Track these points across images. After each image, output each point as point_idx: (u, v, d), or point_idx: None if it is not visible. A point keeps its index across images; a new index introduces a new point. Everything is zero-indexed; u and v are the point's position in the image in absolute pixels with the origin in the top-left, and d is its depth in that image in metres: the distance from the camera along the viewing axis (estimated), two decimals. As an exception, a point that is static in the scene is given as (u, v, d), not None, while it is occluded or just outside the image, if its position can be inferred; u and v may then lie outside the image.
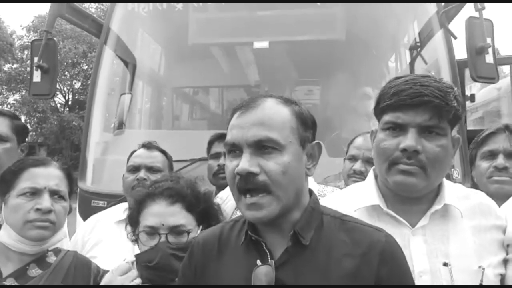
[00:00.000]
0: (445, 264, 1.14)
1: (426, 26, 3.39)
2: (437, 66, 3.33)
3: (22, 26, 21.51)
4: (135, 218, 1.44)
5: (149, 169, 2.08)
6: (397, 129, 1.17)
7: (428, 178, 1.15)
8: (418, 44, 3.58)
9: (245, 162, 0.99)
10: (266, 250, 1.03)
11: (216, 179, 2.33)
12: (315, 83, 4.49)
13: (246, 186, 0.99)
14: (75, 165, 3.29)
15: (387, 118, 1.19)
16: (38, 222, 1.40)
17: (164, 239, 1.34)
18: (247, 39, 3.58)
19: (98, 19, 3.90)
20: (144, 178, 2.03)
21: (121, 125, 3.86)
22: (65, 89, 21.96)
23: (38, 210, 1.40)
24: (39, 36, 20.17)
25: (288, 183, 1.00)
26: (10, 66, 21.75)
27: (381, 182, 1.27)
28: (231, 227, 1.15)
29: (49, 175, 1.48)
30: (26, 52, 21.37)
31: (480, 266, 1.15)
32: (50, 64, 3.21)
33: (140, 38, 4.09)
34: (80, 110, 20.67)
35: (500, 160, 1.75)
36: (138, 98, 4.22)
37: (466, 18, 2.86)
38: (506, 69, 4.93)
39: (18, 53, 21.82)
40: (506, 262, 1.22)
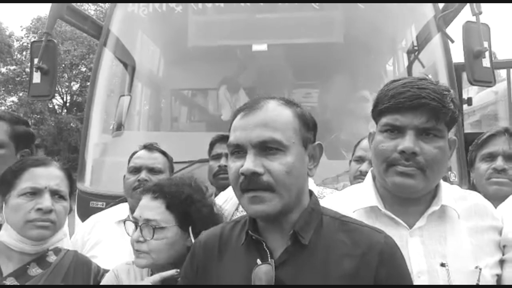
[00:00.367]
0: (442, 264, 1.15)
1: (424, 30, 3.42)
2: (434, 70, 3.36)
3: (22, 26, 21.54)
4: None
5: (150, 170, 2.09)
6: (395, 131, 1.18)
7: (426, 180, 1.16)
8: (416, 47, 3.61)
9: (249, 163, 1.00)
10: (267, 249, 1.04)
11: (216, 180, 2.35)
12: (313, 86, 4.51)
13: (250, 186, 1.01)
14: (73, 166, 3.30)
15: (385, 120, 1.20)
16: (38, 221, 1.41)
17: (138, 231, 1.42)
18: (246, 42, 3.60)
19: (98, 21, 3.91)
20: (145, 179, 2.03)
21: (120, 126, 3.87)
22: (63, 90, 21.96)
23: (39, 210, 1.41)
24: (39, 37, 20.21)
25: (291, 183, 1.02)
26: (8, 68, 21.73)
27: (379, 183, 1.28)
28: (232, 228, 1.16)
29: (49, 175, 1.48)
30: (24, 53, 21.37)
31: (477, 267, 1.16)
32: (49, 65, 3.22)
33: (139, 40, 4.10)
34: (78, 111, 20.67)
35: (499, 162, 1.78)
36: (137, 100, 4.23)
37: (463, 22, 2.89)
38: (504, 73, 4.97)
39: (17, 54, 21.81)
40: (502, 262, 1.24)
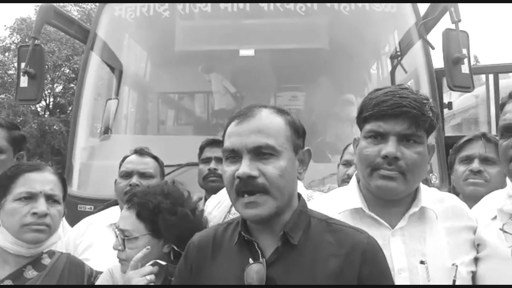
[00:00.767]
0: (421, 262, 1.23)
1: (406, 36, 3.54)
2: (416, 75, 3.48)
3: (5, 26, 21.19)
4: None
5: (141, 175, 2.13)
6: (378, 137, 1.26)
7: (407, 183, 1.24)
8: (399, 53, 3.72)
9: (245, 167, 1.06)
10: (258, 249, 1.10)
11: (206, 183, 2.41)
12: (299, 90, 4.59)
13: (245, 188, 1.07)
14: (58, 169, 3.29)
15: (369, 127, 1.28)
16: (34, 225, 1.44)
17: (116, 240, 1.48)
18: (233, 47, 3.66)
19: (84, 25, 3.93)
20: (136, 184, 2.07)
21: (107, 130, 3.89)
22: (46, 92, 21.64)
23: (34, 214, 1.45)
24: (22, 39, 19.90)
25: (284, 186, 1.09)
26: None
27: (363, 186, 1.35)
28: (225, 229, 1.22)
29: (44, 180, 1.52)
30: (7, 54, 21.01)
31: (453, 264, 1.25)
32: (37, 70, 3.24)
33: (126, 44, 4.13)
34: (61, 113, 20.41)
35: (475, 164, 1.89)
36: (125, 104, 4.24)
37: (443, 29, 3.00)
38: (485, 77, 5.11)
39: (-1, 54, 21.41)
40: (476, 260, 1.32)
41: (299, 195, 1.20)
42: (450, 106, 3.71)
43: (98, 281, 1.51)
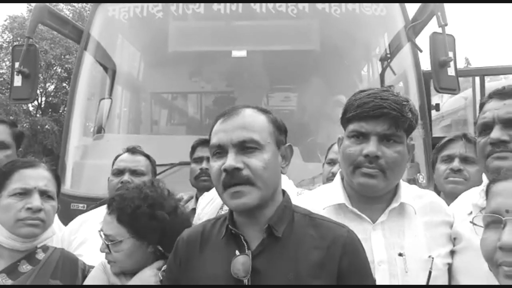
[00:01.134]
0: (400, 254, 1.30)
1: (395, 39, 3.61)
2: (405, 77, 3.55)
3: (-3, 24, 21.01)
4: None
5: (132, 172, 2.19)
6: (360, 137, 1.33)
7: (386, 180, 1.31)
8: (388, 55, 3.80)
9: (231, 160, 1.13)
10: (244, 242, 1.16)
11: (197, 182, 2.47)
12: (291, 90, 4.66)
13: (232, 180, 1.13)
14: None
15: (352, 127, 1.35)
16: (29, 220, 1.49)
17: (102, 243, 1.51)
18: (226, 48, 3.72)
19: (78, 25, 3.96)
20: (128, 181, 2.13)
21: (100, 129, 3.92)
22: (38, 92, 21.53)
23: (29, 209, 1.49)
24: (14, 37, 19.76)
25: (268, 177, 1.15)
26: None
27: (346, 183, 1.42)
28: (213, 224, 1.28)
29: (38, 176, 1.56)
30: (-2, 52, 20.84)
31: (429, 256, 1.32)
32: (30, 69, 3.27)
33: (120, 44, 4.16)
34: (53, 112, 20.30)
35: (455, 163, 1.99)
36: (118, 103, 4.28)
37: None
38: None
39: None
40: (453, 253, 1.39)
41: (284, 191, 1.26)
42: (437, 107, 3.80)
43: (91, 273, 1.55)
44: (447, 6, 3.07)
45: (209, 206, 2.07)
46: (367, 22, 3.64)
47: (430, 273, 1.29)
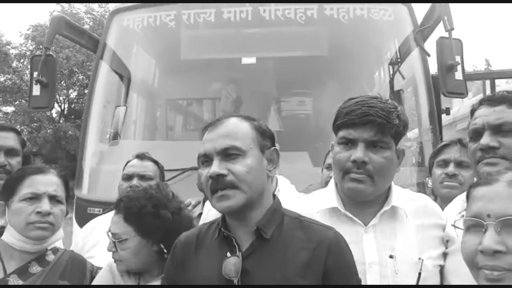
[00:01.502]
0: (390, 256, 1.34)
1: (404, 44, 3.62)
2: (414, 81, 3.56)
3: (21, 33, 21.67)
4: None
5: (141, 177, 2.30)
6: (349, 143, 1.37)
7: (374, 185, 1.35)
8: (397, 60, 3.80)
9: (215, 167, 1.20)
10: (235, 244, 1.22)
11: None
12: (300, 96, 4.69)
13: (217, 186, 1.20)
14: (71, 174, 3.48)
15: (341, 134, 1.40)
16: (38, 223, 1.57)
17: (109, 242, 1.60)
18: (236, 55, 3.79)
19: (94, 35, 4.10)
20: (136, 185, 2.22)
21: (116, 136, 4.04)
22: (61, 98, 22.09)
23: (38, 213, 1.58)
24: (36, 45, 20.33)
25: (251, 180, 1.21)
26: (6, 77, 21.81)
27: (339, 187, 1.46)
28: (208, 228, 1.35)
29: (48, 182, 1.65)
30: (22, 60, 21.48)
31: (419, 258, 1.35)
32: (48, 79, 3.40)
33: (134, 53, 4.28)
34: (76, 119, 20.80)
35: (450, 168, 2.01)
36: (133, 110, 4.39)
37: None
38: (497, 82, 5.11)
39: (15, 62, 21.89)
40: (446, 255, 1.42)
41: (274, 195, 1.31)
42: (448, 111, 3.78)
43: (98, 275, 1.64)
44: (467, 6, 3.07)
45: (214, 209, 2.13)
46: (376, 27, 3.65)
47: (420, 274, 1.32)
